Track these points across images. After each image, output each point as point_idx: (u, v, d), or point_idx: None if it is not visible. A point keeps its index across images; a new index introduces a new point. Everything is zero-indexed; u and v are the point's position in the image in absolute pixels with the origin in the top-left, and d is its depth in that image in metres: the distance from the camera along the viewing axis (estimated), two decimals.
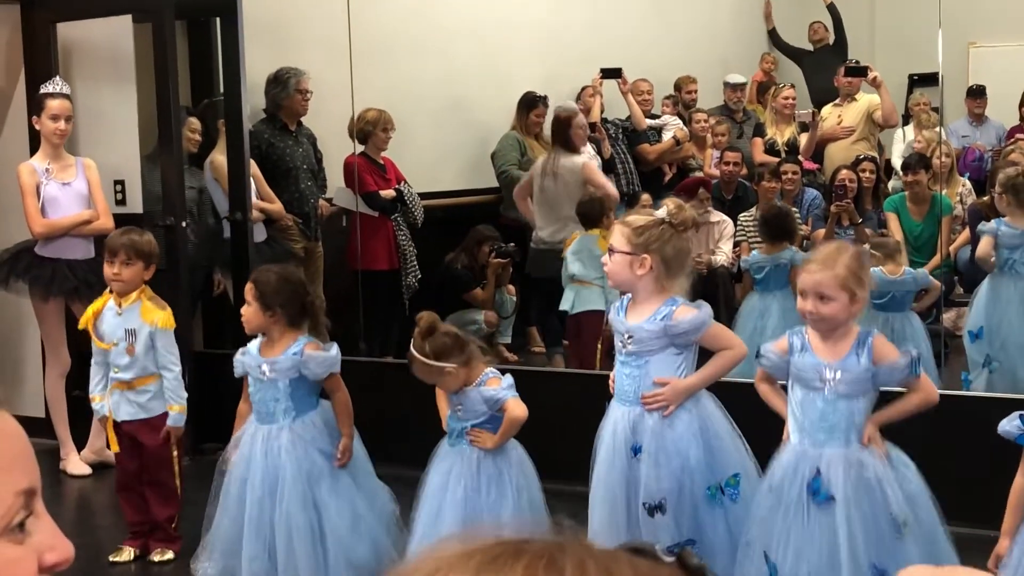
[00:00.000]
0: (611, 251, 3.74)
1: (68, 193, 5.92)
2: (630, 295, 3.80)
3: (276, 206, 6.79)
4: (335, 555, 4.11)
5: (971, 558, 3.50)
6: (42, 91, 5.96)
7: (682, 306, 3.70)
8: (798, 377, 3.48)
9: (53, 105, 5.85)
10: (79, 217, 5.93)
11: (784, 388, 3.63)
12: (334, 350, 4.25)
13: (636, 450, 3.66)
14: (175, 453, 4.87)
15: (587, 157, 7.33)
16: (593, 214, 6.68)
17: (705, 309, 3.74)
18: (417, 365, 3.90)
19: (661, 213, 3.71)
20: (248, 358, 4.26)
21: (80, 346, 5.84)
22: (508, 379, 3.95)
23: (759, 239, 6.84)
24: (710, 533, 3.65)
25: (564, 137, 7.21)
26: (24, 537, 1.14)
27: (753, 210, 7.56)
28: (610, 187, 7.34)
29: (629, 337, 3.70)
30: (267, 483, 4.13)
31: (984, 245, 5.86)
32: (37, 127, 5.96)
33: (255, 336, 4.31)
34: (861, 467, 3.37)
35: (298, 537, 4.09)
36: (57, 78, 6.05)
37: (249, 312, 4.19)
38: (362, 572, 4.15)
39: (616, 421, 3.72)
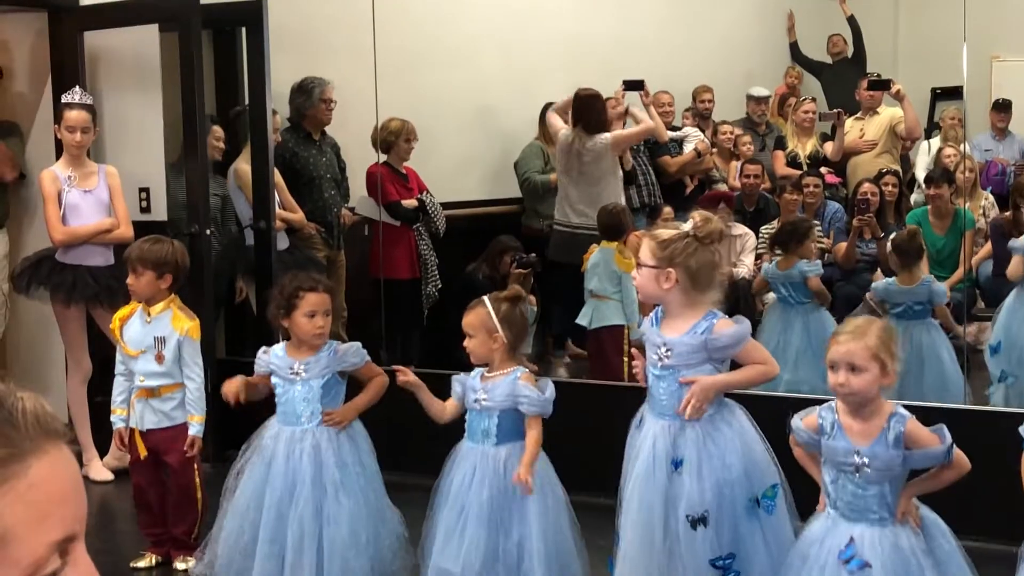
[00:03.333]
0: (639, 265, 3.73)
1: (89, 200, 5.95)
2: (662, 306, 3.79)
3: (298, 215, 6.82)
4: (330, 568, 4.11)
5: (987, 573, 3.51)
6: (62, 100, 5.99)
7: (721, 319, 3.67)
8: (829, 459, 3.42)
9: (70, 116, 5.88)
10: (100, 225, 5.95)
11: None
12: (356, 343, 4.39)
13: (676, 464, 3.62)
14: (196, 465, 4.89)
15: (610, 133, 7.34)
16: (615, 226, 6.68)
17: (745, 324, 3.70)
18: (478, 311, 3.95)
19: (687, 226, 3.70)
20: (276, 359, 4.30)
21: (102, 352, 5.88)
22: (550, 388, 3.93)
23: (778, 252, 6.85)
24: (748, 546, 3.60)
25: (590, 116, 7.21)
26: None
27: (775, 223, 7.57)
28: (645, 120, 7.38)
29: (667, 351, 3.66)
30: (286, 486, 4.15)
31: (1015, 264, 5.81)
32: (58, 136, 6.00)
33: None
34: (896, 537, 3.33)
35: (307, 545, 4.11)
36: (76, 88, 6.05)
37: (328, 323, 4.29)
38: None
39: (655, 435, 3.67)
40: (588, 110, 7.24)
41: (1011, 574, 3.30)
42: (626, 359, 6.48)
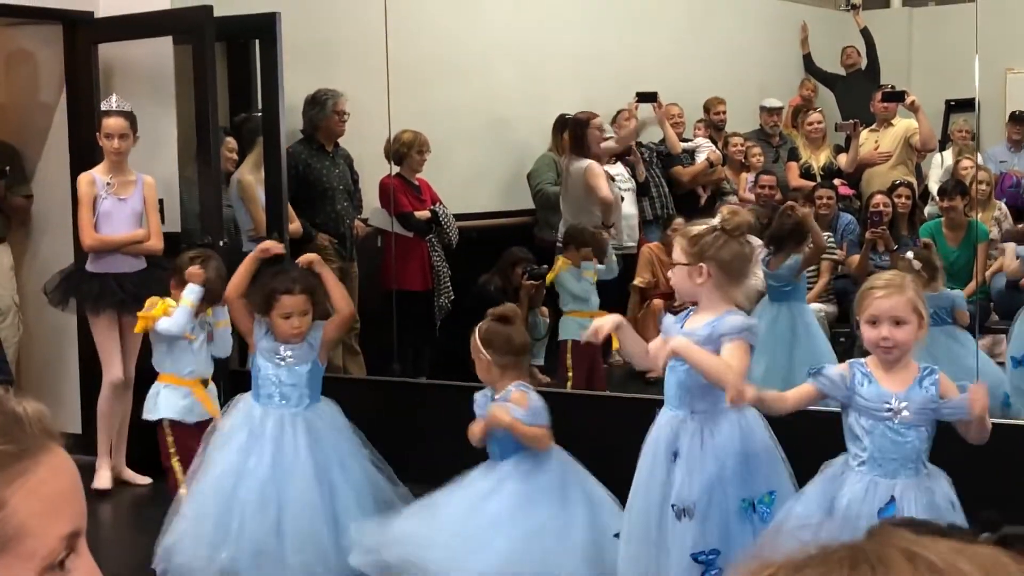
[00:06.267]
0: (673, 264, 3.78)
1: (123, 209, 5.97)
2: (693, 308, 3.81)
3: (294, 225, 6.78)
4: (345, 538, 4.26)
5: None
6: (101, 108, 6.02)
7: (735, 315, 3.70)
8: (864, 409, 3.46)
9: (108, 123, 5.90)
10: (132, 237, 5.97)
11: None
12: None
13: (676, 455, 3.66)
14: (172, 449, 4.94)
15: (593, 162, 7.32)
16: (574, 243, 6.75)
17: (752, 321, 3.74)
18: (472, 337, 4.02)
19: (715, 220, 3.71)
20: (263, 342, 4.49)
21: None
22: (533, 401, 3.95)
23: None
24: (737, 546, 3.60)
25: (579, 140, 7.26)
26: (63, 574, 1.14)
27: None
28: (603, 191, 7.29)
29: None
30: (278, 466, 4.30)
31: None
32: (100, 144, 6.02)
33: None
34: (931, 494, 3.37)
35: (311, 517, 4.26)
36: (113, 96, 6.05)
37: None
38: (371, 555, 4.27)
39: (661, 426, 3.73)
40: (579, 134, 7.29)
41: None
42: (570, 373, 6.60)
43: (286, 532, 4.24)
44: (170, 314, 4.94)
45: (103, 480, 6.11)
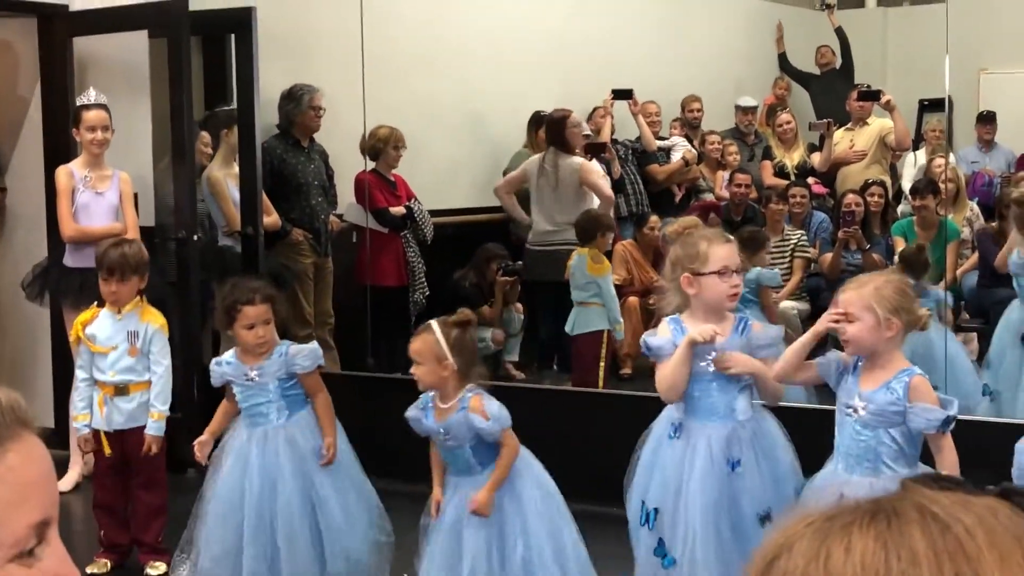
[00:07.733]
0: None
1: (100, 203, 5.95)
2: (684, 313, 3.82)
3: (272, 218, 6.78)
4: (331, 549, 4.23)
5: None
6: (78, 103, 6.00)
7: (754, 321, 3.86)
8: (838, 400, 3.55)
9: (89, 116, 5.87)
10: (110, 229, 5.94)
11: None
12: (314, 343, 4.50)
13: (734, 464, 3.69)
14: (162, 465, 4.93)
15: (584, 159, 7.37)
16: (589, 230, 6.70)
17: (777, 329, 3.92)
18: (425, 337, 3.85)
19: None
20: (228, 367, 4.38)
21: None
22: (494, 405, 3.83)
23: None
24: None
25: (559, 138, 7.26)
26: (33, 561, 1.13)
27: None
28: (606, 190, 7.35)
29: (713, 354, 3.72)
30: (265, 485, 4.23)
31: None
32: (77, 139, 5.97)
33: None
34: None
35: (300, 533, 4.21)
36: (91, 89, 6.02)
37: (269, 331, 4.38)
38: (357, 564, 4.30)
39: (709, 438, 3.71)
40: (559, 132, 7.27)
41: None
42: (602, 364, 6.54)
43: (280, 554, 4.24)
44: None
45: (67, 482, 6.06)
